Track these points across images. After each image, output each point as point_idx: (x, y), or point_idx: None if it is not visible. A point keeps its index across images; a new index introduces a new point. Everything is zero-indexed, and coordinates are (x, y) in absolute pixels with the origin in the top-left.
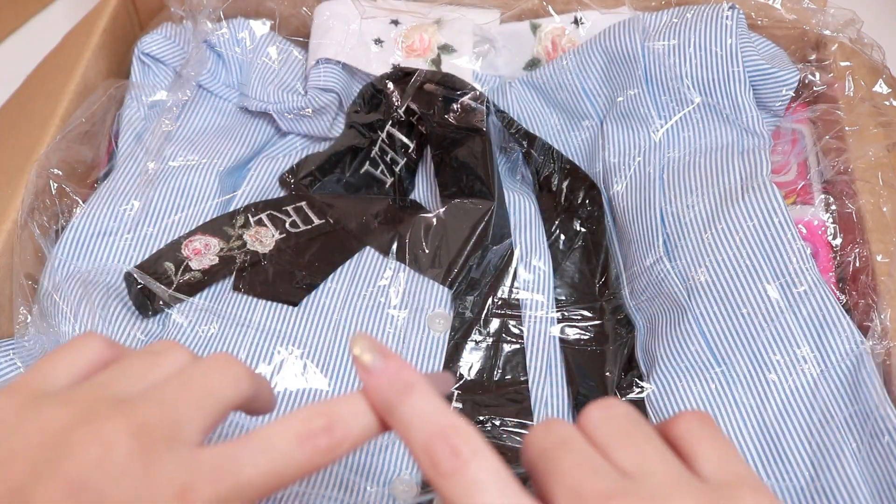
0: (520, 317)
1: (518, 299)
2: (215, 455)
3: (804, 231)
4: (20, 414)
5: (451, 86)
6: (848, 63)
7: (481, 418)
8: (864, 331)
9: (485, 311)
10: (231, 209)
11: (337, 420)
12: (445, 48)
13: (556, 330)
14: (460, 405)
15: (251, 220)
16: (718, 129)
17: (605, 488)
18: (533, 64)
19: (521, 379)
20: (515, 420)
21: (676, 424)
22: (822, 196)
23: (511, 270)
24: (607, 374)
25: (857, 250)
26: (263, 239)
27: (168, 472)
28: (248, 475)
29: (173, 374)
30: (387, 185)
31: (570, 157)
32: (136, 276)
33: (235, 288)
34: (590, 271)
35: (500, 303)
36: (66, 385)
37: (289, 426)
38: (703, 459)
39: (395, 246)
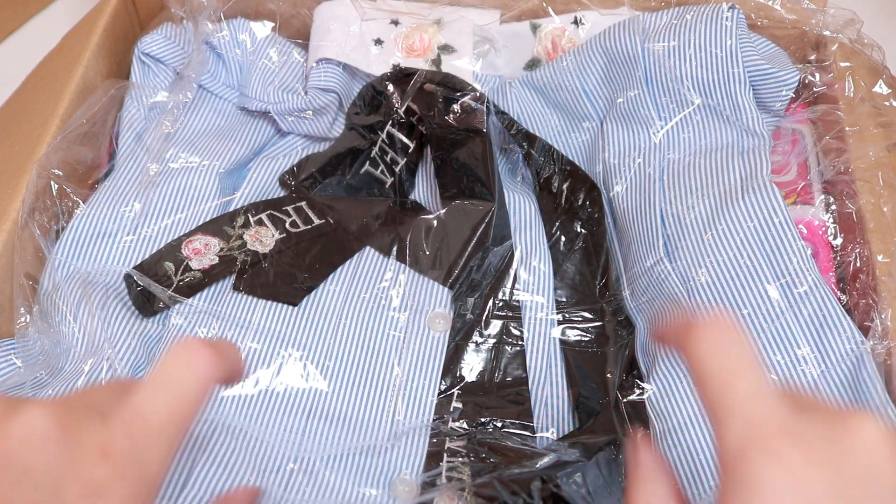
0: (520, 318)
1: (519, 301)
2: (125, 409)
3: (804, 231)
4: None
5: (452, 86)
6: (848, 63)
7: (482, 420)
8: (865, 331)
9: (485, 313)
10: (231, 210)
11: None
12: (445, 48)
13: (556, 331)
14: (460, 405)
15: (251, 220)
16: (718, 129)
17: None
18: (533, 64)
19: (522, 380)
20: (517, 422)
21: None
22: (823, 196)
23: (511, 272)
24: (608, 375)
25: (858, 250)
26: (263, 239)
27: (86, 438)
28: (159, 420)
29: None
30: (387, 186)
31: (571, 158)
32: (135, 277)
33: (235, 288)
34: (590, 273)
35: (500, 304)
36: None
37: (173, 355)
38: None
39: (395, 247)
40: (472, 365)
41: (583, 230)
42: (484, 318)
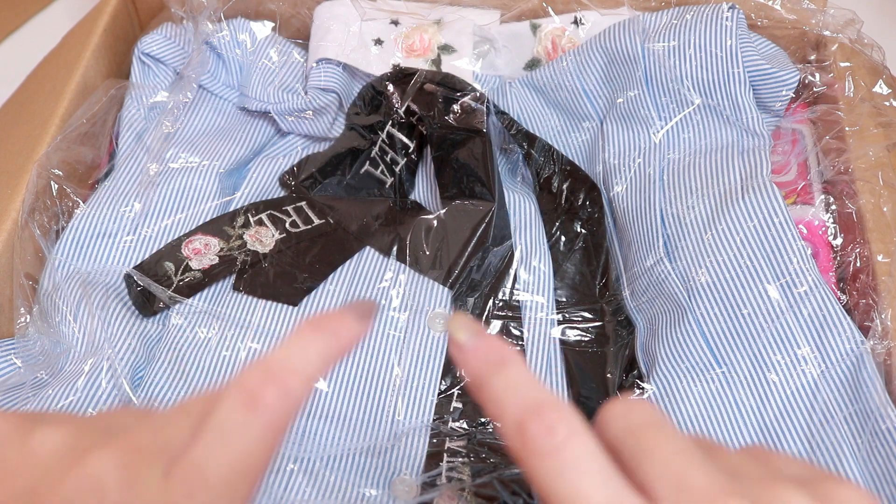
0: (520, 318)
1: (519, 301)
2: (185, 462)
3: (805, 231)
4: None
5: (452, 86)
6: (848, 63)
7: (482, 420)
8: (865, 331)
9: (485, 313)
10: (231, 210)
11: (273, 363)
12: (445, 48)
13: (556, 331)
14: (460, 406)
15: (251, 220)
16: (718, 129)
17: (713, 483)
18: (533, 64)
19: None
20: None
21: None
22: (823, 196)
23: (511, 272)
24: (608, 375)
25: (858, 250)
26: (263, 239)
27: (147, 495)
28: (218, 476)
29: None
30: (387, 186)
31: (571, 158)
32: (135, 277)
33: (235, 288)
34: (590, 273)
35: (500, 304)
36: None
37: (231, 400)
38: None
39: (395, 247)
40: None
41: (583, 230)
42: (484, 318)
